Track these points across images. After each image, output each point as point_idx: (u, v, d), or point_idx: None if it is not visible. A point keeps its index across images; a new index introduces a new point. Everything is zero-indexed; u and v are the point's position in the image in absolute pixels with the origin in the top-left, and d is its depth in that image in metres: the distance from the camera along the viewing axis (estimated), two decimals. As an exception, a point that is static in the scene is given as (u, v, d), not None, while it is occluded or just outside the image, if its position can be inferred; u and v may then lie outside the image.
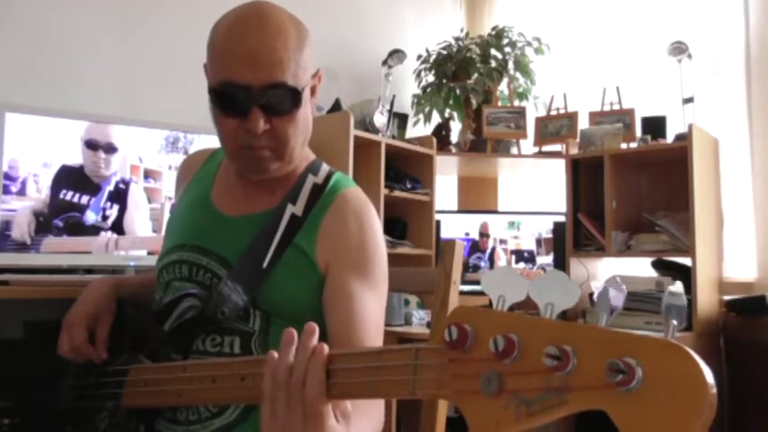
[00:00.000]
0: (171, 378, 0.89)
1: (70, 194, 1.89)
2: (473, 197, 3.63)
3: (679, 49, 2.87)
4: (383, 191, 2.76)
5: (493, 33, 3.45)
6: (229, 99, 0.97)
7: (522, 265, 3.18)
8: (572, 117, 3.20)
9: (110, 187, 1.95)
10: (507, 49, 3.38)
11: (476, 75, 3.31)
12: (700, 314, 2.60)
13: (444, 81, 3.35)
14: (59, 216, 1.87)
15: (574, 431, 2.72)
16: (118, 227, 1.96)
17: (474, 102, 3.32)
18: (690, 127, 2.66)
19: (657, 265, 2.85)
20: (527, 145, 3.31)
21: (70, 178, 1.89)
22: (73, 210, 1.89)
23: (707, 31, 3.09)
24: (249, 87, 0.96)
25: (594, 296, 0.54)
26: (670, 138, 2.91)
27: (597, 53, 3.41)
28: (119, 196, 1.97)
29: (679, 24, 3.13)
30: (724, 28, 3.05)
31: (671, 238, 2.76)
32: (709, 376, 0.46)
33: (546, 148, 3.27)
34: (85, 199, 1.91)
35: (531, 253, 3.20)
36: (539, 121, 3.29)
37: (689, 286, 2.61)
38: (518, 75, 3.39)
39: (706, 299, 2.68)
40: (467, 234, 3.23)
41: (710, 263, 2.77)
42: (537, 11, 3.65)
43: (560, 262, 3.10)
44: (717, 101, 3.03)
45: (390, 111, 2.92)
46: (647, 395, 0.47)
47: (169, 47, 2.55)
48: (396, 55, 3.00)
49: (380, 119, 2.80)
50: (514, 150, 3.28)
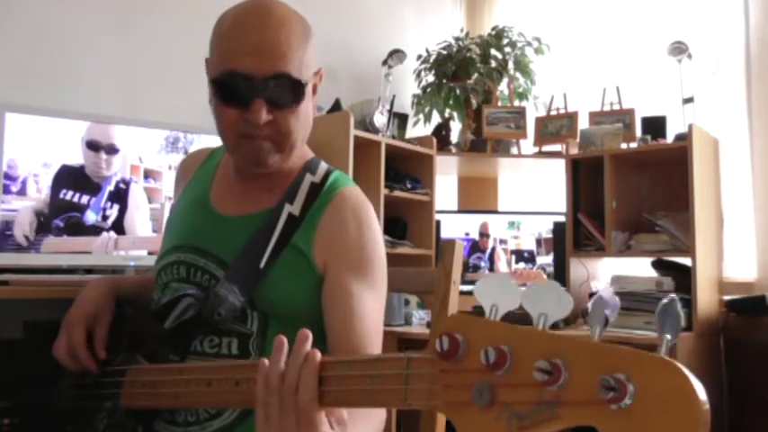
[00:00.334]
0: (168, 380, 0.88)
1: (70, 194, 1.89)
2: (473, 197, 3.63)
3: (679, 49, 2.87)
4: (383, 191, 2.76)
5: (493, 33, 3.45)
6: (232, 89, 0.97)
7: (522, 265, 3.18)
8: (572, 117, 3.20)
9: (110, 187, 1.95)
10: (507, 49, 3.38)
11: (476, 75, 3.31)
12: (700, 314, 2.60)
13: (444, 81, 3.35)
14: (59, 216, 1.87)
15: None
16: (118, 227, 1.96)
17: (474, 102, 3.31)
18: (690, 127, 2.66)
19: (657, 265, 2.84)
20: (527, 145, 3.31)
21: (70, 178, 1.89)
22: (73, 210, 1.89)
23: (707, 31, 3.08)
24: (252, 77, 0.96)
25: (589, 305, 0.54)
26: (670, 138, 2.91)
27: (597, 53, 3.40)
28: (119, 196, 1.97)
29: (679, 24, 3.13)
30: (724, 28, 3.04)
31: (671, 238, 2.76)
32: (701, 393, 0.45)
33: (546, 148, 3.27)
34: (86, 199, 1.91)
35: (531, 253, 3.20)
36: (539, 121, 3.29)
37: (689, 286, 2.61)
38: (518, 75, 3.39)
39: (706, 299, 2.68)
40: (467, 234, 3.23)
41: (710, 263, 2.77)
42: (537, 11, 3.65)
43: (560, 262, 3.10)
44: (717, 101, 3.03)
45: (390, 111, 2.92)
46: (639, 412, 0.46)
47: (169, 47, 2.55)
48: (396, 55, 3.00)
49: (380, 119, 2.80)
50: (514, 150, 3.28)
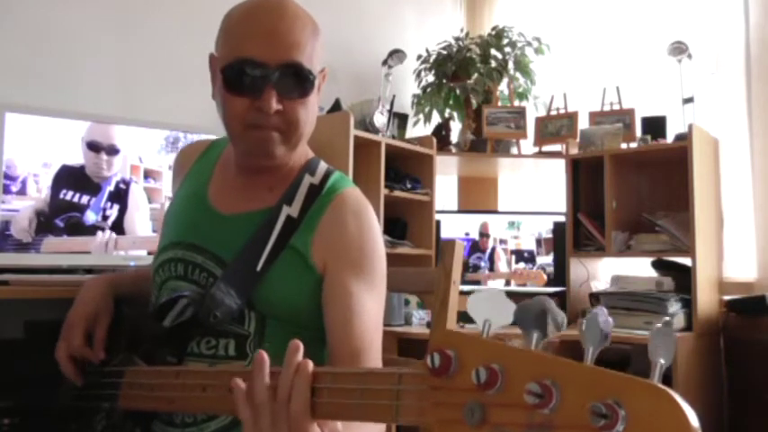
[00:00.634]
0: (164, 384, 0.88)
1: (70, 194, 1.89)
2: (473, 197, 3.63)
3: (679, 49, 2.87)
4: (383, 191, 2.76)
5: (493, 33, 3.45)
6: (243, 76, 0.96)
7: (522, 265, 3.18)
8: (572, 117, 3.20)
9: (110, 187, 1.95)
10: (507, 49, 3.38)
11: (476, 75, 3.30)
12: (700, 314, 2.60)
13: (444, 81, 3.35)
14: (60, 216, 1.87)
15: None
16: (118, 227, 1.96)
17: (474, 102, 3.31)
18: (690, 127, 2.66)
19: (657, 265, 2.85)
20: (527, 145, 3.31)
21: (70, 178, 1.89)
22: (73, 210, 1.89)
23: (707, 31, 3.08)
24: (265, 64, 0.95)
25: (583, 325, 0.54)
26: (670, 138, 2.91)
27: (597, 53, 3.40)
28: (119, 196, 1.97)
29: (679, 24, 3.13)
30: (724, 28, 3.04)
31: (671, 238, 2.76)
32: (693, 420, 0.44)
33: (546, 148, 3.27)
34: (86, 199, 1.91)
35: (531, 253, 3.20)
36: (539, 121, 3.29)
37: (689, 286, 2.61)
38: (518, 75, 3.39)
39: (706, 299, 2.68)
40: (467, 234, 3.23)
41: (710, 263, 2.77)
42: (537, 11, 3.65)
43: (560, 262, 3.10)
44: (717, 101, 3.03)
45: (390, 111, 2.92)
46: None
47: (169, 47, 2.55)
48: (396, 55, 2.99)
49: (380, 119, 2.80)
50: (514, 150, 3.28)
